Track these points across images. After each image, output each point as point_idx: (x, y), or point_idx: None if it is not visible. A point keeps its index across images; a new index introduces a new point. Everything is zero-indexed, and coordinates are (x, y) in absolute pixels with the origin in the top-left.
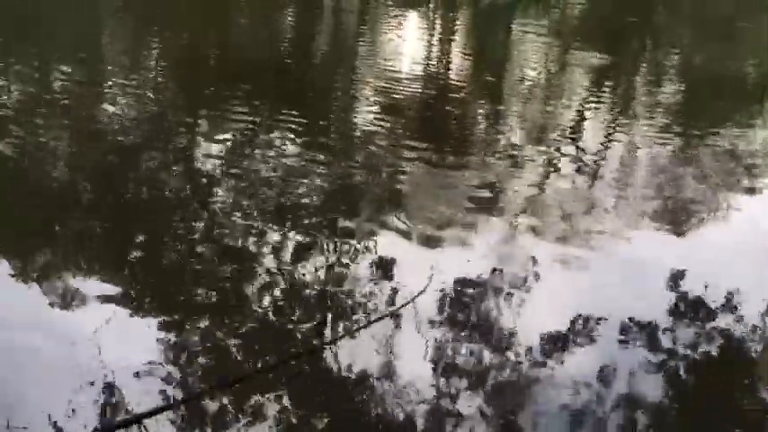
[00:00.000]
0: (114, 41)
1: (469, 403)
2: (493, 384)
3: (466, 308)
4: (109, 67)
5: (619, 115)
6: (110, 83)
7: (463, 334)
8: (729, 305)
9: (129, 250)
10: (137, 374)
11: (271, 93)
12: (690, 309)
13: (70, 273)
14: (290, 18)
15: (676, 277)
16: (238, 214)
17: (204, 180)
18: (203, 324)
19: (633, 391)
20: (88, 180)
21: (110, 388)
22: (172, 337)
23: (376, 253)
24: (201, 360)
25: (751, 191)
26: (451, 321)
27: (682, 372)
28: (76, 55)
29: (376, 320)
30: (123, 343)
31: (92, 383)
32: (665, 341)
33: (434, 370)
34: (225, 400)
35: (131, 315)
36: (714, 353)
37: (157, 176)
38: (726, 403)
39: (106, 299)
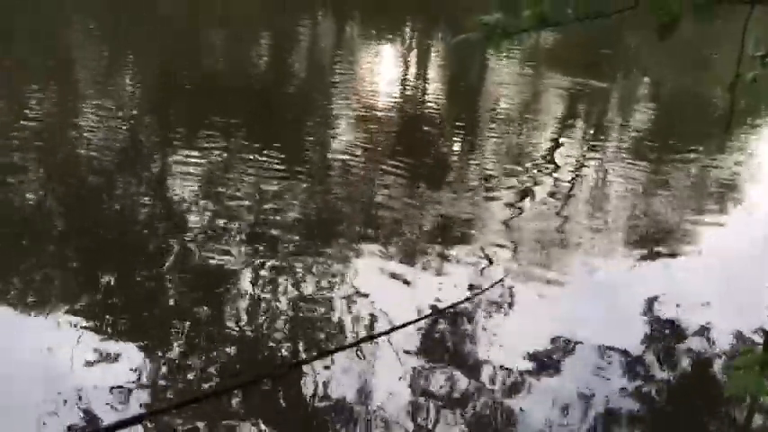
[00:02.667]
0: (86, 66)
1: (447, 428)
2: (470, 413)
3: (440, 336)
4: (81, 93)
5: (592, 143)
6: (81, 109)
7: (439, 362)
8: (704, 329)
9: (102, 279)
10: (110, 393)
11: (245, 121)
12: (665, 333)
13: (42, 300)
14: (265, 52)
15: (651, 302)
16: (213, 243)
17: (179, 207)
18: (176, 351)
19: (610, 416)
20: (58, 207)
21: (82, 408)
22: (148, 360)
23: (351, 283)
24: (176, 379)
25: (721, 215)
26: (427, 350)
27: (658, 397)
28: (46, 78)
29: (354, 344)
30: (96, 366)
31: (64, 402)
32: (641, 366)
33: (411, 398)
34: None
35: (104, 340)
36: (690, 376)
37: (130, 205)
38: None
39: (77, 324)
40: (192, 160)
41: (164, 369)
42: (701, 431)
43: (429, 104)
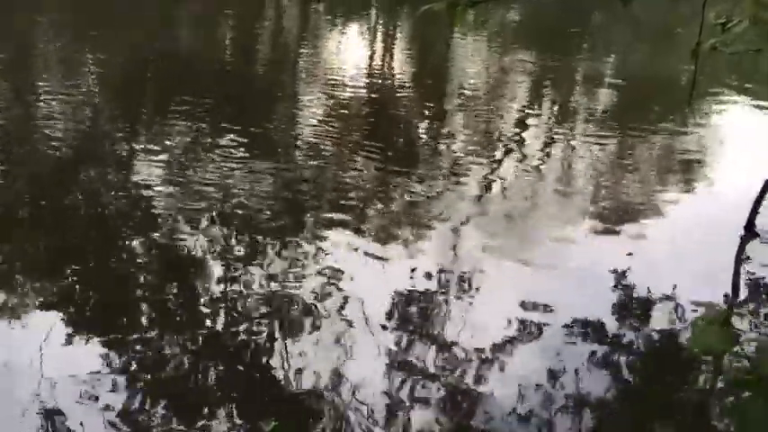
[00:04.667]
0: (51, 44)
1: (420, 408)
2: (443, 389)
3: (413, 315)
4: (45, 74)
5: (559, 119)
6: (47, 89)
7: (411, 339)
8: (669, 297)
9: (68, 268)
10: (79, 390)
11: (210, 103)
12: (632, 303)
13: (8, 289)
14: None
15: (618, 273)
16: (181, 225)
17: (146, 191)
18: (146, 337)
19: (581, 391)
20: (23, 193)
21: (51, 404)
22: (114, 351)
23: (322, 265)
24: (145, 374)
25: (685, 187)
26: (399, 328)
27: (628, 370)
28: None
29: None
30: (65, 359)
31: (34, 397)
32: (612, 341)
33: (383, 375)
34: None
35: (73, 329)
36: (658, 351)
37: (96, 188)
38: (673, 400)
39: (46, 314)
40: (158, 145)
41: (133, 360)
42: (670, 397)
43: (395, 84)
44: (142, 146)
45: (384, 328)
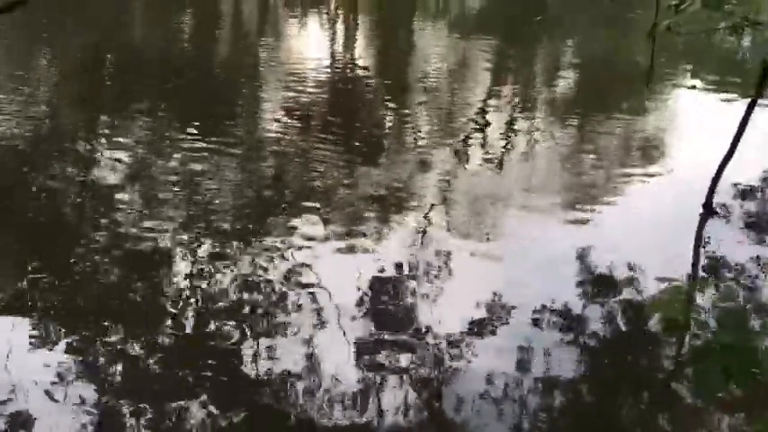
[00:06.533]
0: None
1: (391, 396)
2: (411, 376)
3: (381, 304)
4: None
5: (522, 106)
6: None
7: (380, 329)
8: (633, 278)
9: (32, 267)
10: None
11: (171, 97)
12: (598, 285)
13: None
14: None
15: (583, 256)
16: (146, 223)
17: (107, 189)
18: (112, 335)
19: (551, 375)
20: None
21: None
22: (81, 348)
23: (290, 255)
24: (112, 371)
25: (645, 169)
26: (369, 317)
27: (593, 347)
28: None
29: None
30: (30, 356)
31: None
32: (576, 319)
33: (355, 365)
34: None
35: (38, 328)
36: (622, 326)
37: (57, 187)
38: (640, 379)
39: (10, 314)
40: (120, 139)
41: (100, 356)
42: (636, 371)
43: (358, 73)
44: (101, 140)
45: (353, 316)
